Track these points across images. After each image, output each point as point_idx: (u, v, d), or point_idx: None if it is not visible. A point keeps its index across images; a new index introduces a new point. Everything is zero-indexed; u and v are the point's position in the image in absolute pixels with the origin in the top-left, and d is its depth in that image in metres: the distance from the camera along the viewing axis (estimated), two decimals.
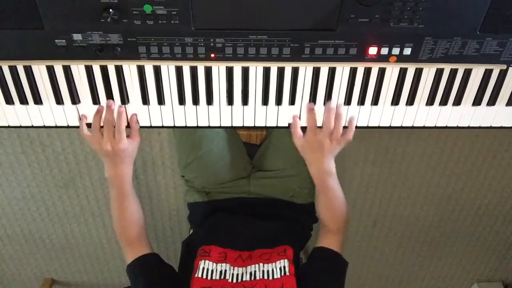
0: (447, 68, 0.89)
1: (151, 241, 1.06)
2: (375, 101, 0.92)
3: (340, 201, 1.01)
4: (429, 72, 0.89)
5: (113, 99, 0.89)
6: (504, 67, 0.88)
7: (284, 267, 0.95)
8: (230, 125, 0.94)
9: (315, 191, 1.05)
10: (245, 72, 0.87)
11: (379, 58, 0.85)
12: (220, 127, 0.96)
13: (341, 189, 1.01)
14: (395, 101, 0.92)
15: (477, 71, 0.89)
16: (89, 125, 0.92)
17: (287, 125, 0.95)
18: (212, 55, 0.84)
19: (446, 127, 0.97)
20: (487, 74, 0.90)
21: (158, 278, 0.96)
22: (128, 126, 0.92)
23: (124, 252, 1.03)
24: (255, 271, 0.96)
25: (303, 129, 0.93)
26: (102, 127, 0.91)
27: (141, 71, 0.87)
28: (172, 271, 1.00)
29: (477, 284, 2.44)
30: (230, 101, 0.91)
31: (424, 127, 0.97)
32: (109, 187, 1.00)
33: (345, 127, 0.92)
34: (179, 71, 0.87)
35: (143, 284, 0.95)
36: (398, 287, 2.50)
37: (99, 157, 0.95)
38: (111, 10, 0.75)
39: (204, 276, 0.94)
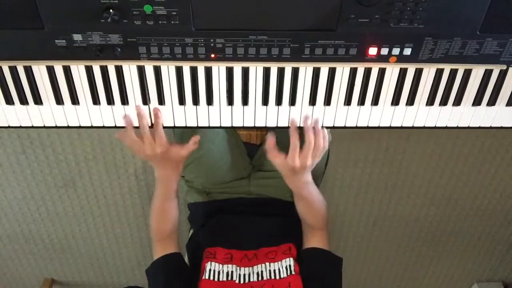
0: (447, 68, 0.89)
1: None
2: (375, 101, 0.92)
3: (319, 202, 1.03)
4: (429, 72, 0.89)
5: (113, 99, 0.89)
6: (504, 67, 0.88)
7: (290, 265, 0.96)
8: (230, 125, 0.94)
9: (294, 196, 1.05)
10: (245, 72, 0.87)
11: (379, 58, 0.85)
12: (220, 127, 0.95)
13: (318, 191, 1.03)
14: (395, 101, 0.92)
15: (477, 71, 0.89)
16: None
17: (287, 126, 0.95)
18: (212, 55, 0.84)
19: (446, 127, 0.97)
20: (487, 74, 0.90)
21: (177, 280, 0.98)
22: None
23: (153, 248, 1.06)
24: (261, 271, 0.97)
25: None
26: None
27: (141, 71, 0.87)
28: (191, 272, 1.02)
29: (477, 284, 2.44)
30: (230, 101, 0.91)
31: (424, 127, 0.97)
32: (156, 184, 1.02)
33: None
34: (179, 71, 0.87)
35: (163, 284, 0.97)
36: (398, 287, 2.50)
37: (148, 162, 0.97)
38: (111, 10, 0.75)
39: (212, 278, 0.95)
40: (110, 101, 0.90)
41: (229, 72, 0.87)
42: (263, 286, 0.93)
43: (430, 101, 0.93)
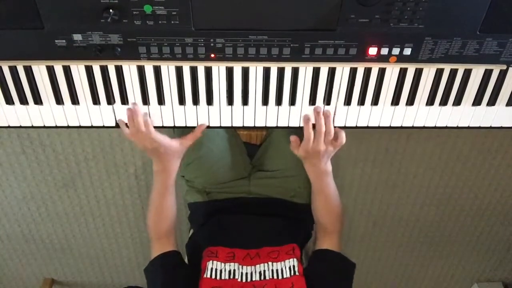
0: (447, 68, 0.89)
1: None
2: (375, 101, 0.92)
3: (335, 198, 1.04)
4: (429, 72, 0.89)
5: (113, 99, 0.89)
6: (504, 67, 0.88)
7: (294, 266, 0.96)
8: (230, 125, 0.95)
9: (311, 191, 1.06)
10: (245, 72, 0.87)
11: (379, 58, 0.85)
12: (220, 127, 0.96)
13: (335, 187, 1.04)
14: (395, 101, 0.92)
15: (477, 71, 0.89)
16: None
17: (287, 126, 0.95)
18: (212, 55, 0.84)
19: (446, 127, 0.97)
20: (487, 74, 0.90)
21: (176, 278, 0.98)
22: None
23: (151, 246, 1.06)
24: (264, 271, 0.96)
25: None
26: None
27: (141, 71, 0.87)
28: (189, 271, 1.02)
29: (477, 284, 2.44)
30: (230, 101, 0.91)
31: (424, 127, 0.97)
32: (154, 179, 1.02)
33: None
34: (179, 71, 0.87)
35: (161, 282, 0.97)
36: (398, 287, 2.50)
37: (147, 155, 0.98)
38: (111, 10, 0.75)
39: (213, 276, 0.95)
40: (110, 101, 0.90)
41: (229, 72, 0.87)
42: (265, 286, 0.93)
43: (430, 101, 0.93)
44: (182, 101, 0.90)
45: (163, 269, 1.00)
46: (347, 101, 0.92)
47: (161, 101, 0.90)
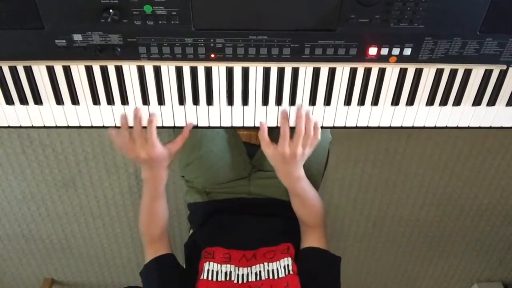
0: (447, 68, 0.89)
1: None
2: (375, 102, 0.92)
3: (313, 198, 1.03)
4: (429, 72, 0.89)
5: (113, 99, 0.89)
6: (504, 67, 0.88)
7: (288, 265, 0.96)
8: (230, 125, 0.94)
9: (289, 193, 1.05)
10: (245, 72, 0.87)
11: (379, 58, 0.85)
12: (220, 127, 0.95)
13: (312, 187, 1.03)
14: (395, 101, 0.92)
15: (477, 71, 0.89)
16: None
17: None
18: (212, 55, 0.84)
19: (446, 127, 0.97)
20: (487, 74, 0.90)
21: (172, 280, 0.98)
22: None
23: (145, 250, 1.05)
24: (260, 271, 0.97)
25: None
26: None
27: (141, 71, 0.87)
28: (184, 273, 1.02)
29: (477, 284, 2.45)
30: (230, 101, 0.91)
31: (424, 127, 0.97)
32: (143, 186, 1.01)
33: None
34: (179, 71, 0.87)
35: (156, 284, 0.97)
36: (398, 287, 2.50)
37: (136, 163, 0.96)
38: (111, 10, 0.75)
39: (210, 278, 0.95)
40: (110, 101, 0.90)
41: (229, 72, 0.87)
42: (261, 286, 0.93)
43: (430, 101, 0.93)
44: (182, 101, 0.90)
45: (158, 272, 1.00)
46: (347, 101, 0.92)
47: (161, 101, 0.90)
